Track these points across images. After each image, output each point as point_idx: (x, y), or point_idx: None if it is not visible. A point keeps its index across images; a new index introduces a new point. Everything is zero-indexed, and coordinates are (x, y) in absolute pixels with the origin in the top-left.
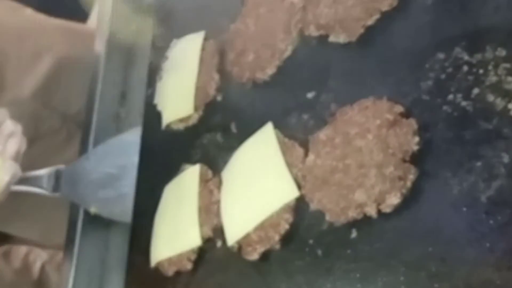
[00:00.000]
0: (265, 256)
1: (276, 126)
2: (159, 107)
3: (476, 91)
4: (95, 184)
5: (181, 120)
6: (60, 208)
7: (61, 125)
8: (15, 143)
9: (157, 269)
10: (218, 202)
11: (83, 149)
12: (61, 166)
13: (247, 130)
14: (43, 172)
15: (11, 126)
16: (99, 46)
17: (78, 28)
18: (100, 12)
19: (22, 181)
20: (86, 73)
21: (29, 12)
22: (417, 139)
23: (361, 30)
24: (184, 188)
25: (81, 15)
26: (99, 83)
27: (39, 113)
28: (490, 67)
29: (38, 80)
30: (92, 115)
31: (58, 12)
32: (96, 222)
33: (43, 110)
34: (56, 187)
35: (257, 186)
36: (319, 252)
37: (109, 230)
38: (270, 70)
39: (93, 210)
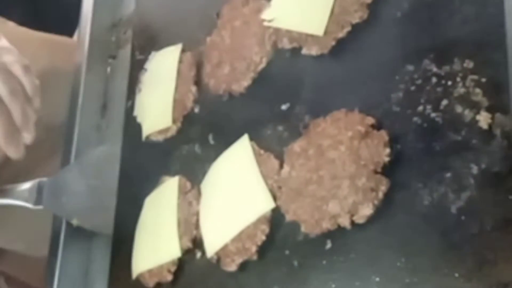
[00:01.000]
0: (243, 267)
1: (252, 137)
2: (139, 119)
3: (445, 102)
4: (77, 196)
5: (160, 132)
6: (45, 219)
7: (45, 137)
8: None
9: (138, 281)
10: (197, 214)
11: (65, 160)
12: (44, 179)
13: (224, 142)
14: (26, 185)
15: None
16: (80, 57)
17: (61, 40)
18: (81, 24)
19: (5, 194)
20: (68, 85)
21: (11, 25)
22: (388, 150)
23: (333, 43)
24: (163, 200)
25: (69, 29)
26: (80, 94)
27: None
28: (458, 79)
29: None
30: (73, 126)
31: (45, 25)
32: (79, 234)
33: None
34: (39, 200)
35: (234, 197)
36: (295, 263)
37: (92, 241)
38: (246, 82)
39: (75, 222)
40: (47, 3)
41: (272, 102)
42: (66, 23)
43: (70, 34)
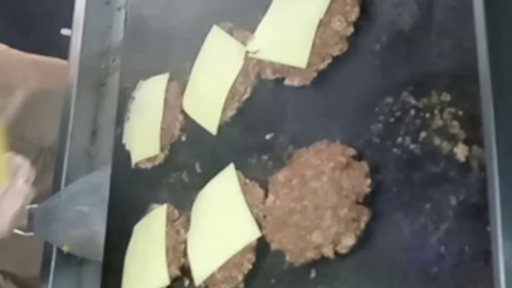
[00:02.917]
0: None
1: (238, 166)
2: (128, 147)
3: (423, 134)
4: (67, 223)
5: (148, 160)
6: (36, 240)
7: (36, 157)
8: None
9: None
10: (185, 242)
11: (55, 187)
12: (34, 206)
13: (211, 170)
14: None
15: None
16: (70, 84)
17: (51, 62)
18: (70, 52)
19: None
20: (59, 106)
21: (3, 48)
22: (369, 181)
23: (315, 74)
24: (152, 228)
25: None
26: (70, 121)
27: (13, 146)
28: (436, 111)
29: (11, 113)
30: (64, 153)
31: (37, 48)
32: (69, 260)
33: (18, 142)
34: (29, 227)
35: (221, 226)
36: None
37: (82, 267)
38: (231, 112)
39: (65, 248)
40: (40, 26)
41: (257, 132)
42: (58, 44)
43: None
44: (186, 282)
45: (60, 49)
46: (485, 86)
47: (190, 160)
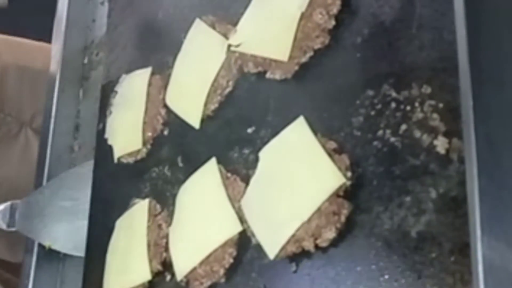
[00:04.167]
0: None
1: (219, 160)
2: (110, 141)
3: (404, 127)
4: (49, 218)
5: (131, 154)
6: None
7: (18, 131)
8: None
9: None
10: (166, 236)
11: (38, 182)
12: (16, 201)
13: (193, 164)
14: None
15: None
16: (52, 79)
17: (25, 41)
18: (53, 46)
19: None
20: (38, 84)
21: None
22: (349, 174)
23: (296, 67)
24: (134, 223)
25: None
26: (52, 116)
27: None
28: (416, 104)
29: None
30: (46, 148)
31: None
32: (51, 256)
33: None
34: (11, 222)
35: (202, 220)
36: (262, 285)
37: (64, 263)
38: (213, 106)
39: (47, 244)
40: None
41: (238, 125)
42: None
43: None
44: (168, 277)
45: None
46: (464, 78)
47: (172, 154)
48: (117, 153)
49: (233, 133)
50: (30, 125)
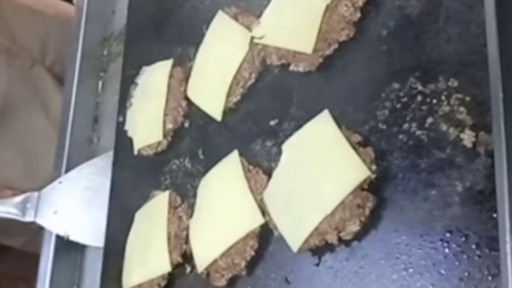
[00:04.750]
0: (233, 282)
1: (241, 153)
2: (130, 133)
3: (430, 120)
4: (67, 209)
5: (151, 146)
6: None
7: (31, 65)
8: None
9: None
10: (187, 229)
11: (56, 173)
12: (34, 193)
13: (214, 156)
14: (16, 199)
15: None
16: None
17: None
18: (72, 38)
19: None
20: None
21: None
22: (374, 167)
23: (320, 60)
24: (154, 215)
25: None
26: (71, 108)
27: (9, 50)
28: (443, 97)
29: None
30: (65, 139)
31: None
32: (70, 247)
33: (12, 46)
34: (29, 213)
35: (223, 213)
36: (283, 278)
37: (83, 254)
38: (235, 98)
39: (66, 235)
40: None
41: (261, 118)
42: None
43: None
44: (188, 269)
45: None
46: (494, 71)
47: (193, 146)
48: (137, 145)
49: (255, 125)
50: (42, 63)
